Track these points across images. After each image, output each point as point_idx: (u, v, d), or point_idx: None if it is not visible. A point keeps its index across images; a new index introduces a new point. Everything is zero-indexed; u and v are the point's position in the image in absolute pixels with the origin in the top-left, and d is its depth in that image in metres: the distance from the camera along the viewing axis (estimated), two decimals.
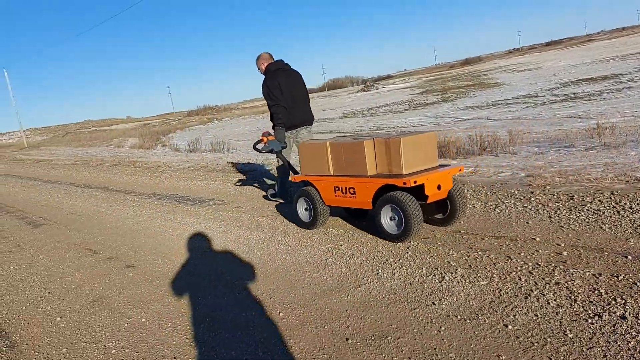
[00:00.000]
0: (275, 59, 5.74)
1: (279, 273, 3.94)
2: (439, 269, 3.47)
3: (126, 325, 3.37)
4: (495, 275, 3.24)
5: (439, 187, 4.04)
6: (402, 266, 3.64)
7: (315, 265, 3.97)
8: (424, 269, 3.52)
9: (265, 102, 5.66)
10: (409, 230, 3.90)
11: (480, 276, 3.26)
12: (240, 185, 7.86)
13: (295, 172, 5.25)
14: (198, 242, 5.10)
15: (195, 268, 4.34)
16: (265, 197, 6.58)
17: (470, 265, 3.44)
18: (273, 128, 5.59)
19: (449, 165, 4.32)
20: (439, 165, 4.27)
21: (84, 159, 17.56)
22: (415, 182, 3.82)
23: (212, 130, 27.06)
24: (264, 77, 5.65)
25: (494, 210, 4.56)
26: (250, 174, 8.64)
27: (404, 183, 3.84)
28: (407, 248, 3.96)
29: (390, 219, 4.11)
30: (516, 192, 4.81)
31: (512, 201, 4.63)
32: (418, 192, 3.98)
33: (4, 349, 3.25)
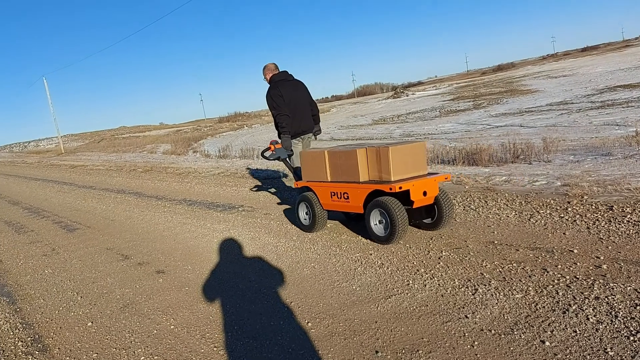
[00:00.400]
0: (280, 70, 5.93)
1: (307, 281, 3.91)
2: (472, 280, 3.38)
3: (155, 331, 3.39)
4: (531, 288, 3.13)
5: (424, 194, 4.28)
6: (433, 277, 3.56)
7: (344, 275, 3.92)
8: (456, 280, 3.44)
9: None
10: (394, 232, 4.18)
11: (515, 289, 3.15)
12: (256, 191, 7.93)
13: (300, 178, 5.43)
14: (227, 249, 5.12)
15: (224, 275, 4.34)
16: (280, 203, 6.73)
17: (504, 278, 3.34)
18: (278, 136, 5.74)
19: (437, 173, 4.55)
20: (428, 173, 4.51)
21: (117, 165, 17.95)
22: (400, 187, 4.11)
23: (242, 137, 27.35)
24: (268, 86, 5.84)
25: (529, 220, 4.43)
26: (278, 181, 8.66)
27: (390, 188, 4.13)
28: (439, 258, 3.88)
29: (379, 222, 4.41)
30: (552, 201, 4.67)
31: (548, 211, 4.49)
32: (405, 197, 4.25)
33: (37, 352, 3.30)
